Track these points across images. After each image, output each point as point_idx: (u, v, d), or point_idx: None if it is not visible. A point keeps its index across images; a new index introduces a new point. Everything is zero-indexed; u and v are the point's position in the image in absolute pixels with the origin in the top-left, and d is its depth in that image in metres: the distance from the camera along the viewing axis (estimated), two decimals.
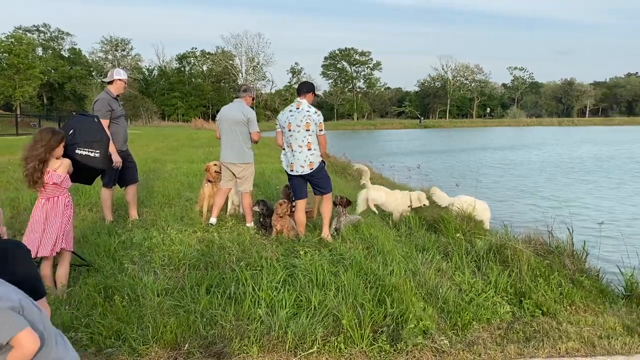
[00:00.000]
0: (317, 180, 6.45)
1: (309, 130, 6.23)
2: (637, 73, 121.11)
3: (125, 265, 5.00)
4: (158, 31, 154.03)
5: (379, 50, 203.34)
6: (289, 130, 6.29)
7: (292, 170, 6.37)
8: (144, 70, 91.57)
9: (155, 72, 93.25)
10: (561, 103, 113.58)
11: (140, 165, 12.24)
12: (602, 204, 12.50)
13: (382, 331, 3.87)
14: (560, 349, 3.81)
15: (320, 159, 6.42)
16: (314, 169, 6.31)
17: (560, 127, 78.43)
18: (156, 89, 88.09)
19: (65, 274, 4.65)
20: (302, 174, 6.33)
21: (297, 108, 6.31)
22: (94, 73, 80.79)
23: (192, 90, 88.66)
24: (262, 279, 4.59)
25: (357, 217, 7.32)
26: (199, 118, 71.78)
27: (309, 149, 6.28)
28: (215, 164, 7.54)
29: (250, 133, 6.94)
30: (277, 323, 3.81)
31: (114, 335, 3.69)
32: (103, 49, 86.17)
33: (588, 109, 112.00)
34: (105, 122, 6.54)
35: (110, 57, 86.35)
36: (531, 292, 4.74)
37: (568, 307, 4.65)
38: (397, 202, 7.95)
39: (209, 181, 7.53)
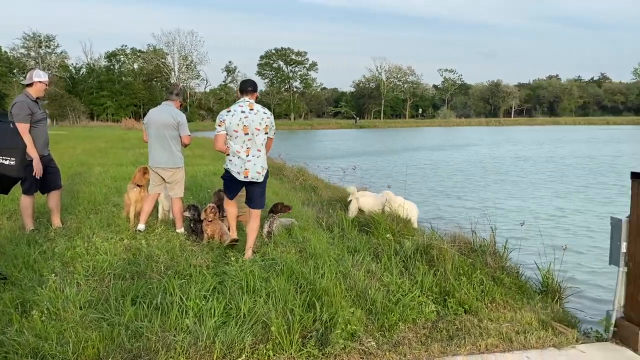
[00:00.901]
0: (259, 190, 5.93)
1: (267, 133, 5.83)
2: (557, 75, 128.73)
3: (46, 277, 4.78)
4: (85, 28, 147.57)
5: (315, 51, 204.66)
6: (245, 134, 5.69)
7: (246, 177, 5.74)
8: (70, 68, 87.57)
9: (84, 70, 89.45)
10: (488, 104, 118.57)
11: (65, 169, 11.74)
12: (522, 203, 13.17)
13: (311, 336, 3.91)
14: (480, 346, 3.98)
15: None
16: (265, 174, 5.87)
17: (487, 127, 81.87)
18: (84, 88, 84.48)
19: None
20: (257, 180, 5.80)
21: (251, 109, 5.74)
22: (15, 70, 76.37)
23: (122, 89, 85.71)
24: (190, 287, 4.51)
25: (290, 220, 7.35)
26: (130, 118, 69.58)
27: (260, 151, 5.82)
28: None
29: (180, 137, 6.82)
30: (204, 333, 3.77)
31: (30, 354, 3.50)
32: (25, 45, 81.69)
33: (513, 109, 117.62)
34: (25, 127, 6.25)
35: (33, 53, 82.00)
36: (455, 291, 4.92)
37: (489, 304, 4.86)
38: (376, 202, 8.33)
39: (138, 185, 7.30)
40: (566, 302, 5.34)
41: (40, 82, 6.62)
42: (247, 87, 5.89)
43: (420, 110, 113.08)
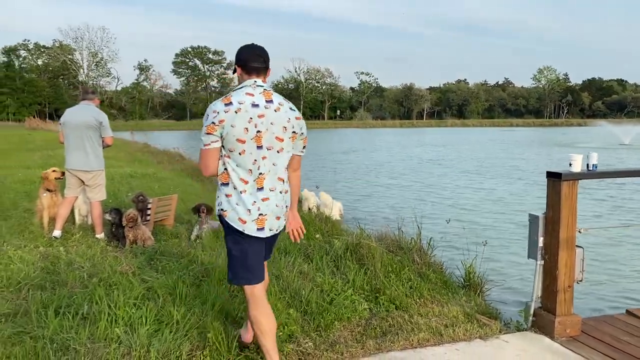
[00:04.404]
0: (275, 238, 3.40)
1: (294, 144, 3.24)
2: (465, 80, 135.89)
3: None
4: None
5: (233, 51, 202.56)
6: (259, 147, 3.06)
7: (261, 229, 3.10)
8: None
9: None
10: (402, 106, 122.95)
11: None
12: (443, 201, 13.77)
13: None
14: (413, 341, 4.11)
15: None
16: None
17: (402, 129, 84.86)
18: None
19: None
20: (280, 230, 3.30)
21: (269, 101, 3.12)
22: None
23: (24, 86, 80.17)
24: (118, 295, 4.31)
25: (218, 223, 7.21)
26: (34, 117, 65.23)
27: (284, 182, 3.24)
28: (54, 170, 6.92)
29: (102, 138, 6.55)
30: (137, 342, 3.61)
31: None
32: None
33: (425, 111, 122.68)
34: None
35: None
36: (385, 288, 5.04)
37: (418, 300, 5.02)
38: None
39: (48, 190, 6.87)
40: (487, 295, 5.63)
41: None
42: (256, 59, 3.19)
43: (338, 112, 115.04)
